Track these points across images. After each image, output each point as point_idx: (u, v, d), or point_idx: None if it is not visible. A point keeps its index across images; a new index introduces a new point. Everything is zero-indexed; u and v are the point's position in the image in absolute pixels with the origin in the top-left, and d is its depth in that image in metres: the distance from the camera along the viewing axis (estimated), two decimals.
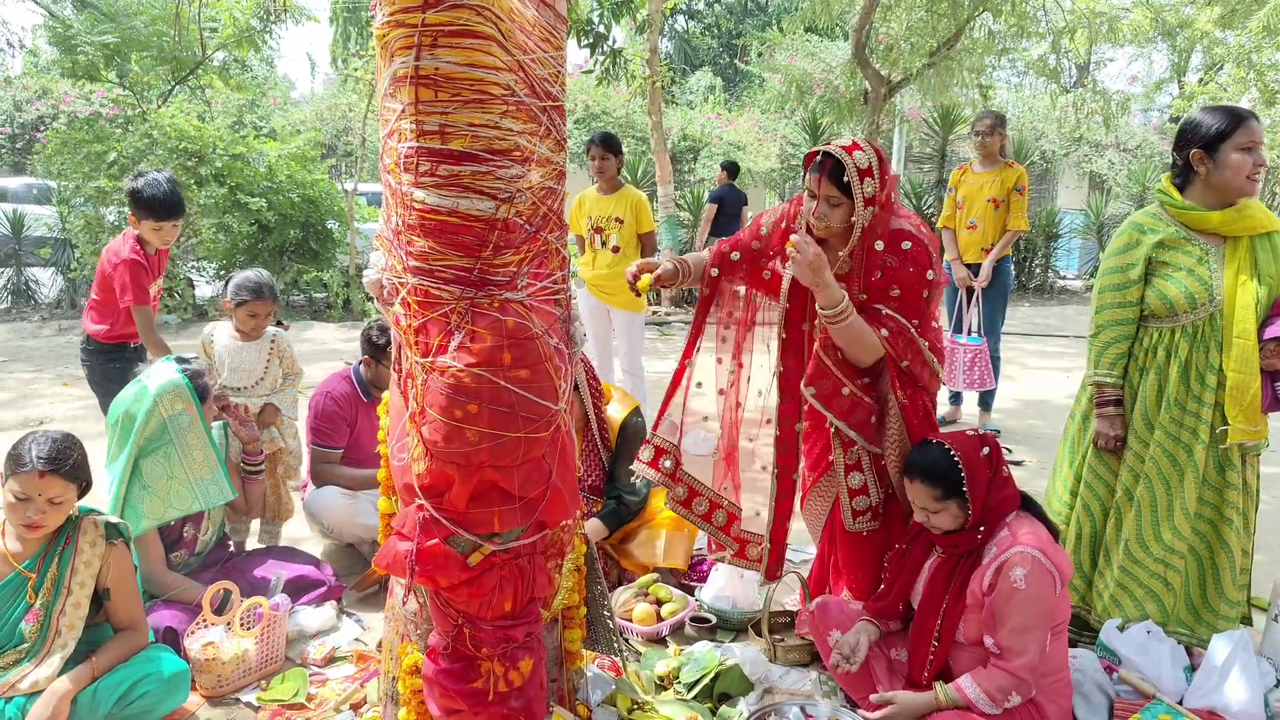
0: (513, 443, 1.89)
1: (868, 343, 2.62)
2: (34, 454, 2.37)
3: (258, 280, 3.65)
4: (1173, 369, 2.80)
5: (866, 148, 2.60)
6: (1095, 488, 2.99)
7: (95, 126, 10.22)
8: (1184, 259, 2.77)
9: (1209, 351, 2.75)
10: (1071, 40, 12.43)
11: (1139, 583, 2.87)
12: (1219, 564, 2.85)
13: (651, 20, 10.30)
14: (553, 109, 2.00)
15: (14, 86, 15.76)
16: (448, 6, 1.73)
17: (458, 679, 2.01)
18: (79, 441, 2.50)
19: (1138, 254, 2.83)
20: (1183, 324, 2.78)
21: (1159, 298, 2.79)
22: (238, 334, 3.67)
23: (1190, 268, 2.75)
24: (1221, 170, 2.70)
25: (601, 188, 5.45)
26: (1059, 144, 17.35)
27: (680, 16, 30.24)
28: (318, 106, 17.96)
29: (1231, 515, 2.81)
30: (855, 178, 2.56)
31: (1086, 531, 3.01)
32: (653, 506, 3.74)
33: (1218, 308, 2.73)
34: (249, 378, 3.67)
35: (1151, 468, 2.84)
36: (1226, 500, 2.82)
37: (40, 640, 2.46)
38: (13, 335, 9.42)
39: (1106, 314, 2.90)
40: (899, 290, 2.65)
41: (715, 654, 2.89)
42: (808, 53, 14.67)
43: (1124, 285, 2.85)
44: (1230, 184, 2.70)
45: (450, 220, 1.85)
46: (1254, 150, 2.67)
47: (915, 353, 2.68)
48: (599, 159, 5.34)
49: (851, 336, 2.60)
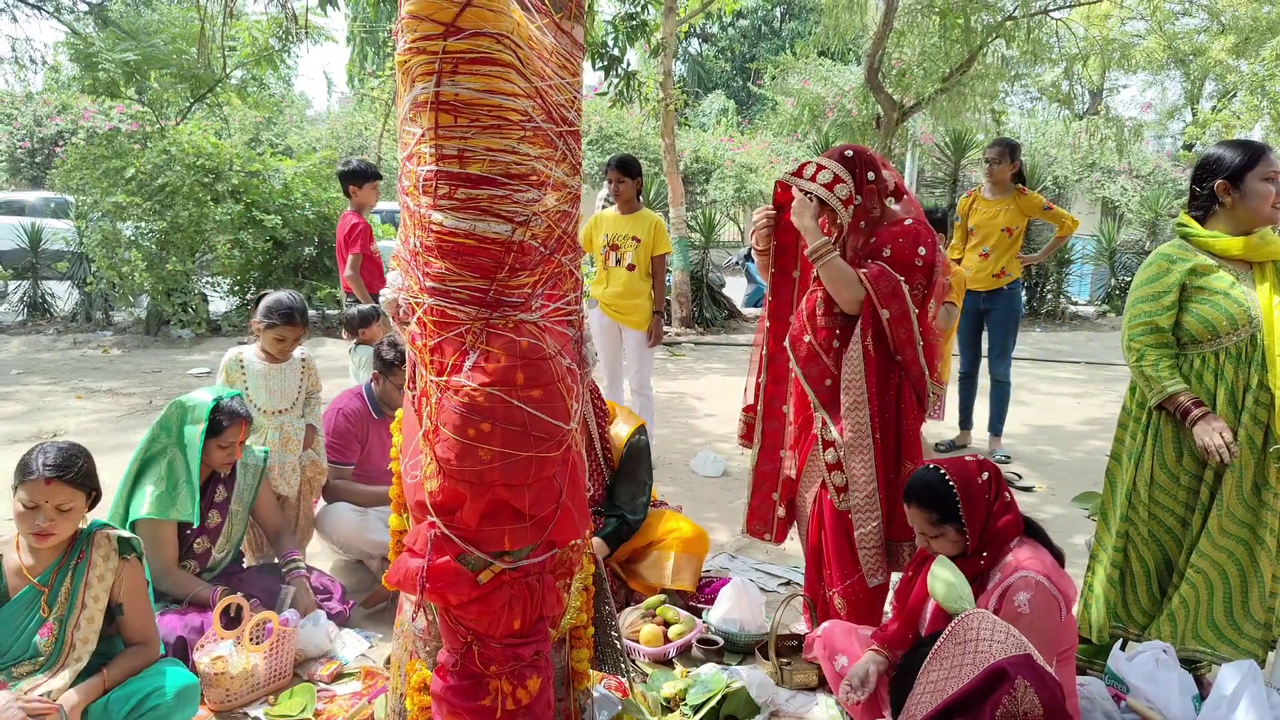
0: (524, 461, 1.91)
1: (848, 279, 2.83)
2: (40, 462, 2.40)
3: (290, 305, 3.62)
4: (1220, 391, 2.82)
5: (829, 163, 2.91)
6: (1161, 517, 2.95)
7: (114, 142, 10.35)
8: (1218, 284, 2.81)
9: (1252, 371, 2.79)
10: (1084, 67, 12.48)
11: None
12: (1248, 585, 2.84)
13: (666, 44, 10.39)
14: (569, 134, 2.04)
15: (35, 102, 15.98)
16: (469, 35, 1.77)
17: (466, 696, 2.02)
18: (87, 451, 2.53)
19: (1169, 281, 2.85)
20: (1225, 345, 2.81)
21: (1199, 321, 2.81)
22: (264, 355, 3.67)
23: (1225, 291, 2.80)
24: (1249, 200, 2.78)
25: (619, 208, 5.51)
26: (1071, 170, 17.37)
27: (694, 40, 30.47)
28: (334, 125, 18.16)
29: (1265, 536, 2.81)
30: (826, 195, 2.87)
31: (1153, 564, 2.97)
32: (663, 528, 3.75)
33: (1257, 327, 2.77)
34: (286, 399, 3.70)
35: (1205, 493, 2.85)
36: (1262, 521, 2.81)
37: (55, 654, 2.48)
38: (28, 348, 9.50)
39: (1143, 339, 2.88)
40: (890, 251, 2.86)
41: (722, 676, 2.89)
42: (821, 77, 14.77)
43: (1157, 313, 2.86)
44: (1258, 212, 2.78)
45: (467, 242, 1.88)
46: (1275, 180, 2.76)
47: (900, 305, 2.82)
48: (616, 182, 5.39)
49: (832, 274, 2.83)
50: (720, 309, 12.42)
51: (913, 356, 2.87)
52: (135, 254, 9.72)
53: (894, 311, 2.81)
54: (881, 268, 2.82)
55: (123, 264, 9.79)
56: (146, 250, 9.83)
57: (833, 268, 2.82)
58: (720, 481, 5.45)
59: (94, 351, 9.45)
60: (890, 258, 2.84)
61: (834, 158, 2.92)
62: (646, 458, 3.78)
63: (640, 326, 5.49)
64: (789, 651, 3.20)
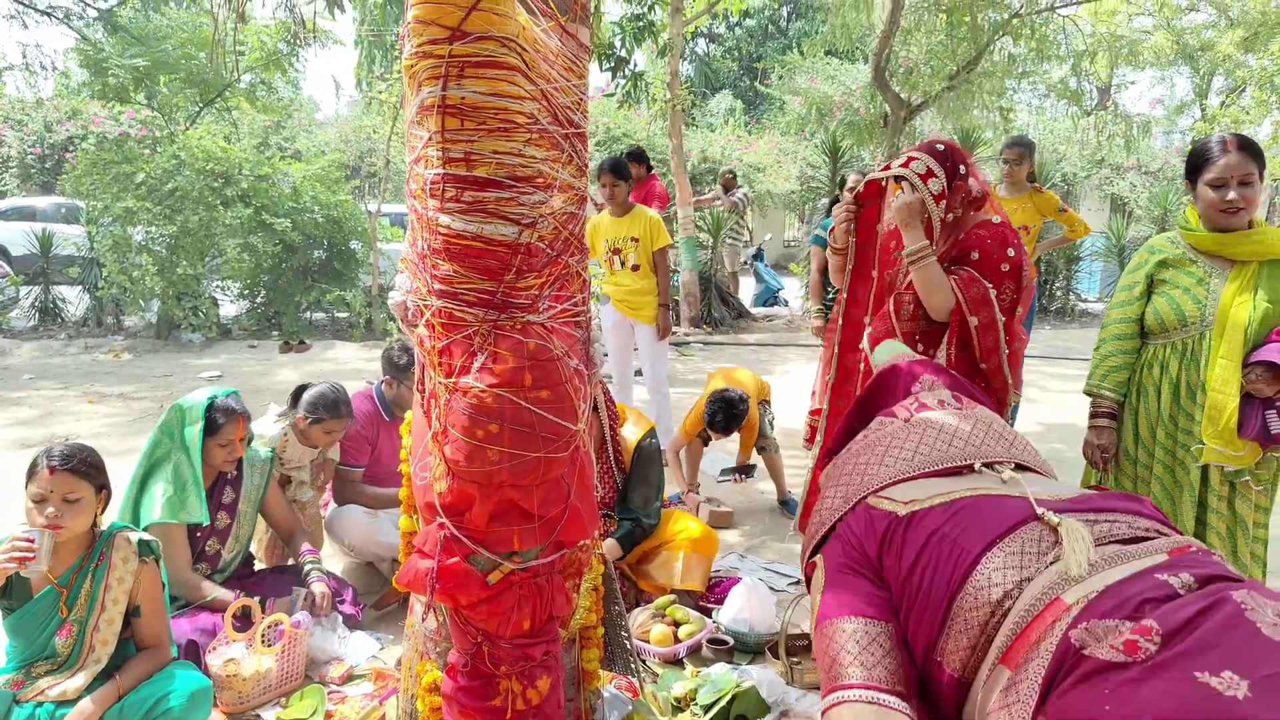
0: (533, 462, 1.92)
1: (941, 285, 2.73)
2: (46, 456, 2.47)
3: (335, 398, 3.60)
4: (1165, 385, 2.85)
5: (921, 155, 2.79)
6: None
7: (124, 147, 10.41)
8: (1184, 279, 2.81)
9: (1199, 369, 2.77)
10: (1092, 63, 12.43)
11: None
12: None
13: (673, 44, 10.40)
14: (575, 136, 2.04)
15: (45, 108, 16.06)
16: (475, 39, 1.77)
17: (476, 697, 2.03)
18: (93, 449, 2.56)
19: (1141, 272, 2.92)
20: (1173, 340, 2.83)
21: (1153, 313, 2.87)
22: (299, 440, 3.66)
23: (1188, 287, 2.80)
24: (1199, 202, 2.75)
25: (613, 211, 5.53)
26: (1080, 166, 17.32)
27: (701, 40, 30.45)
28: (342, 128, 18.20)
29: (1214, 541, 2.79)
30: (921, 187, 2.76)
31: None
32: (672, 529, 3.75)
33: (1209, 326, 2.75)
34: (299, 465, 3.77)
35: (1156, 486, 2.88)
36: (1209, 525, 2.81)
37: (74, 655, 2.51)
38: (40, 353, 9.56)
39: (1109, 329, 2.99)
40: (978, 254, 2.77)
41: (732, 676, 2.90)
42: (828, 76, 14.75)
43: (1127, 302, 2.94)
44: (1205, 215, 2.75)
45: (475, 245, 1.89)
46: (1225, 187, 2.66)
47: (988, 313, 2.71)
48: (610, 185, 5.42)
49: (926, 279, 2.74)
50: (729, 309, 12.42)
51: (997, 365, 2.76)
52: (146, 258, 9.78)
53: (982, 319, 2.72)
54: (971, 274, 2.74)
55: (133, 268, 9.85)
56: (157, 255, 9.88)
57: (928, 273, 2.73)
58: (729, 483, 5.45)
59: (105, 356, 9.50)
60: (978, 261, 2.76)
61: (926, 150, 2.81)
62: (658, 461, 3.79)
63: (652, 321, 5.52)
64: (799, 651, 3.20)
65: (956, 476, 1.63)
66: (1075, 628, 1.21)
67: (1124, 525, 1.40)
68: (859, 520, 1.63)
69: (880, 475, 1.69)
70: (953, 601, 1.38)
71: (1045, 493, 1.52)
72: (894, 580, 1.50)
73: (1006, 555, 1.37)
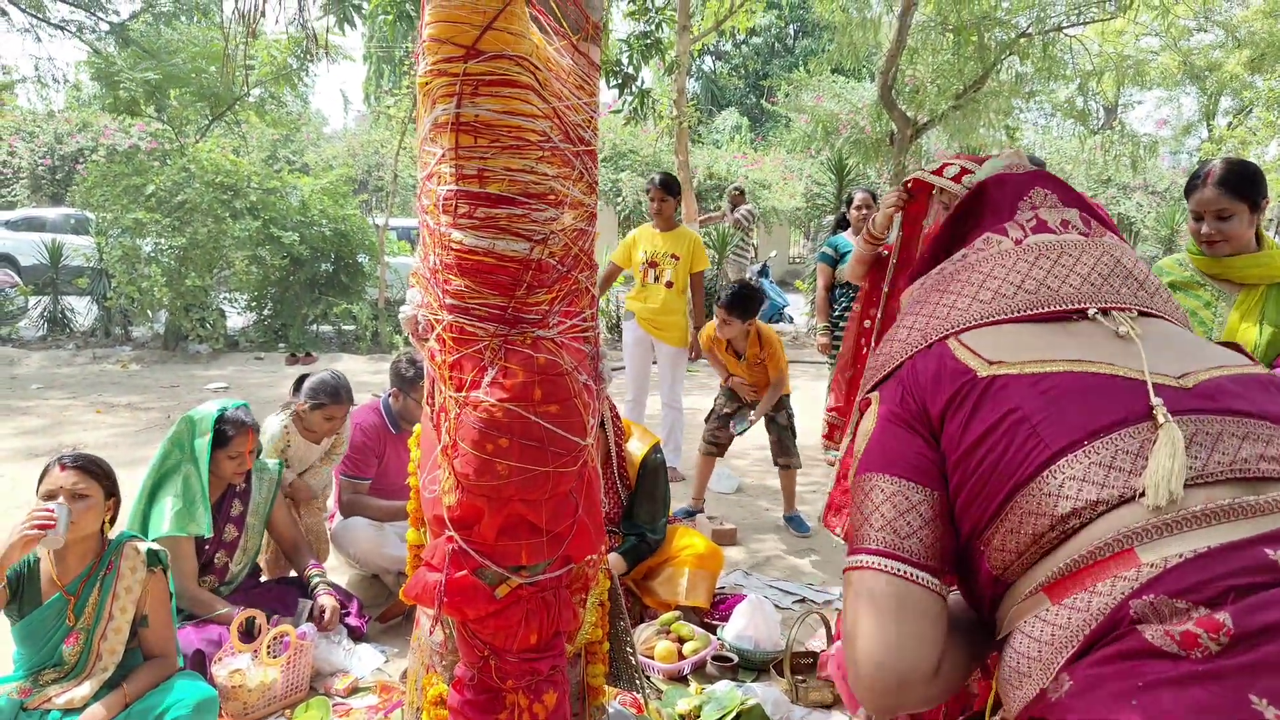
0: (542, 476, 1.93)
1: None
2: (59, 458, 2.52)
3: (335, 384, 3.65)
4: None
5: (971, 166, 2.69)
6: None
7: (134, 160, 10.48)
8: (1191, 301, 2.80)
9: None
10: (1099, 83, 12.47)
11: None
12: None
13: (680, 61, 10.46)
14: (585, 153, 2.06)
15: (56, 120, 16.19)
16: (489, 57, 1.80)
17: (482, 710, 2.03)
18: (106, 460, 2.60)
19: None
20: None
21: None
22: (301, 432, 3.70)
23: (1195, 310, 2.78)
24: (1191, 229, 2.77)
25: (659, 225, 5.57)
26: (1087, 186, 17.33)
27: (708, 57, 30.59)
28: (350, 142, 18.32)
29: None
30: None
31: None
32: (676, 544, 3.75)
33: None
34: (304, 464, 3.79)
35: None
36: None
37: (81, 663, 2.52)
38: (49, 363, 9.60)
39: None
40: None
41: (737, 693, 2.89)
42: (834, 94, 14.81)
43: None
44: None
45: (486, 260, 1.91)
46: (1203, 219, 2.67)
47: None
48: (658, 200, 5.48)
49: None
50: None
51: None
52: (154, 270, 9.83)
53: None
54: None
55: (142, 280, 9.89)
56: (165, 266, 9.93)
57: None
58: (734, 498, 5.45)
59: (113, 366, 9.53)
60: None
61: (978, 161, 2.74)
62: (664, 476, 3.79)
63: (675, 342, 5.54)
64: (804, 669, 3.20)
65: (1064, 324, 1.34)
66: (1140, 597, 1.01)
67: (1269, 446, 1.10)
68: (930, 365, 1.37)
69: (971, 312, 1.40)
70: (1012, 496, 1.17)
71: (1173, 365, 1.22)
72: (951, 449, 1.28)
73: (1090, 464, 1.12)
